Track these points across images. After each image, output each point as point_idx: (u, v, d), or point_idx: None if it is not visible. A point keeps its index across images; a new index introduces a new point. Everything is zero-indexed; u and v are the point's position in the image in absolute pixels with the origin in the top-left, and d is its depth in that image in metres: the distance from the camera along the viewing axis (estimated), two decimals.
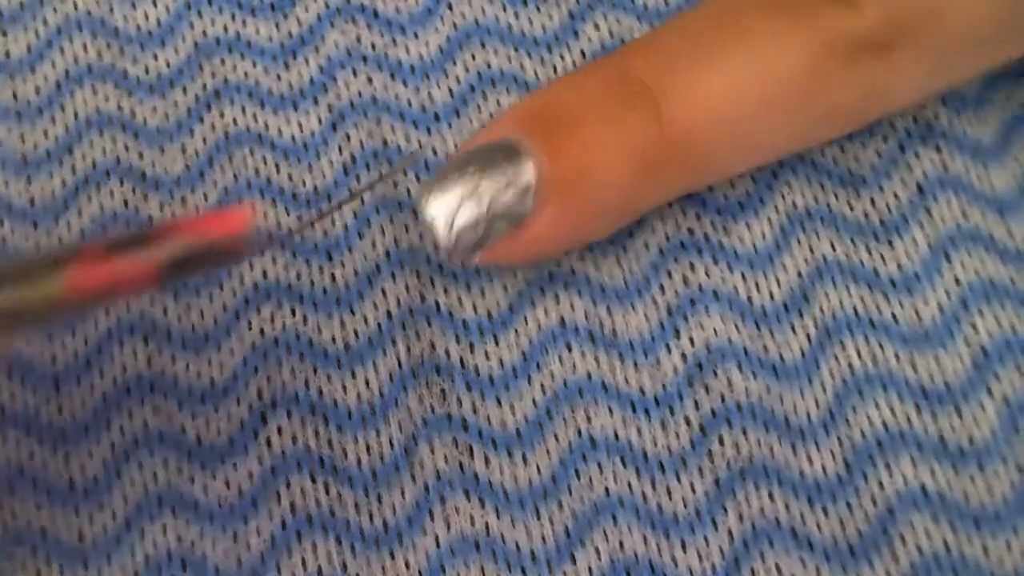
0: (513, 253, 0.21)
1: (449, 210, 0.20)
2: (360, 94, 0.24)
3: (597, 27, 0.24)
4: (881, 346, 0.22)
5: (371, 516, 0.21)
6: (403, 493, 0.21)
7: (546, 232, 0.20)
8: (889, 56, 0.20)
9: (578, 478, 0.21)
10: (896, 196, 0.23)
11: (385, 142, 0.23)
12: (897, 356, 0.22)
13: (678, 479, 0.21)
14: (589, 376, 0.22)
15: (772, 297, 0.22)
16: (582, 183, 0.20)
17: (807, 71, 0.20)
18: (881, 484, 0.21)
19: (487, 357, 0.22)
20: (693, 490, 0.21)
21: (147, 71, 0.24)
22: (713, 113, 0.20)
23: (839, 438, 0.21)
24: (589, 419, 0.21)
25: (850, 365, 0.22)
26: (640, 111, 0.20)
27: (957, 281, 0.22)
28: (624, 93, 0.20)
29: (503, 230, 0.20)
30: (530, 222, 0.20)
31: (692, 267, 0.22)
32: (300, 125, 0.24)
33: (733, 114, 0.20)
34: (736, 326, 0.22)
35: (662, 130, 0.20)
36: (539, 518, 0.21)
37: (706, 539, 0.21)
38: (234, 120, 0.24)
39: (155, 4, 0.25)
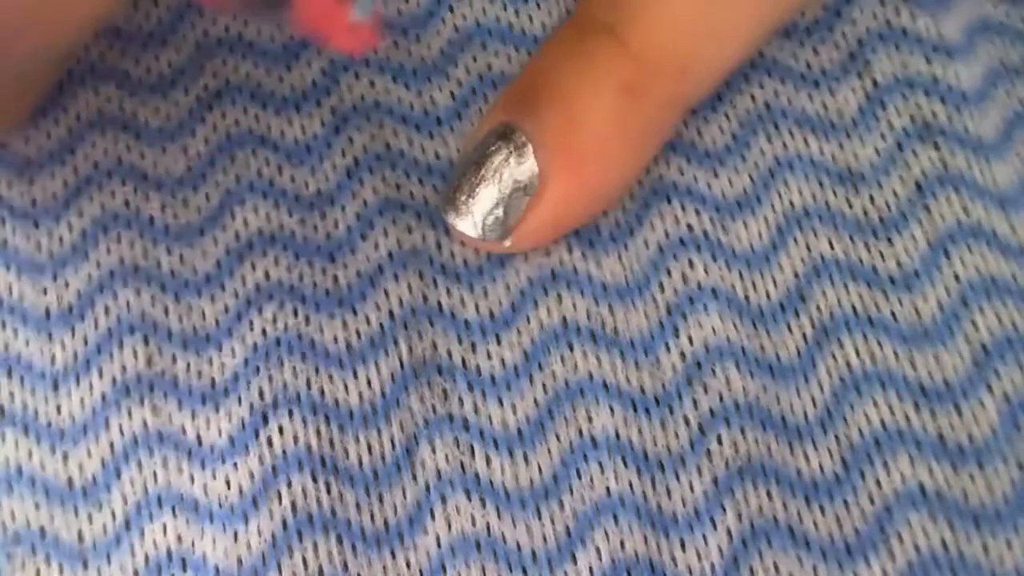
0: (542, 229, 0.21)
1: (471, 210, 0.21)
2: (363, 97, 0.24)
3: None
4: (880, 344, 0.22)
5: (372, 516, 0.21)
6: (404, 493, 0.21)
7: (561, 192, 0.21)
8: None
9: (579, 478, 0.21)
10: (895, 193, 0.23)
11: (388, 146, 0.23)
12: (896, 354, 0.22)
13: (677, 478, 0.21)
14: (591, 376, 0.22)
15: (769, 296, 0.22)
16: (574, 130, 0.21)
17: None
18: (879, 482, 0.21)
19: (489, 357, 0.22)
20: (692, 489, 0.21)
21: (149, 72, 0.24)
22: (678, 23, 0.21)
23: (836, 437, 0.21)
24: (590, 419, 0.21)
25: (848, 363, 0.22)
26: (608, 50, 0.21)
27: (957, 278, 0.22)
28: (589, 40, 0.21)
29: (522, 205, 0.21)
30: (543, 187, 0.21)
31: (691, 264, 0.22)
32: (302, 127, 0.24)
33: (696, 13, 0.21)
34: (734, 324, 0.22)
35: (635, 60, 0.21)
36: (540, 518, 0.21)
37: (705, 538, 0.21)
38: (236, 121, 0.24)
39: (156, 4, 0.25)
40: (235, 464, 0.21)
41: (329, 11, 0.17)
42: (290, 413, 0.21)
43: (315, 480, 0.21)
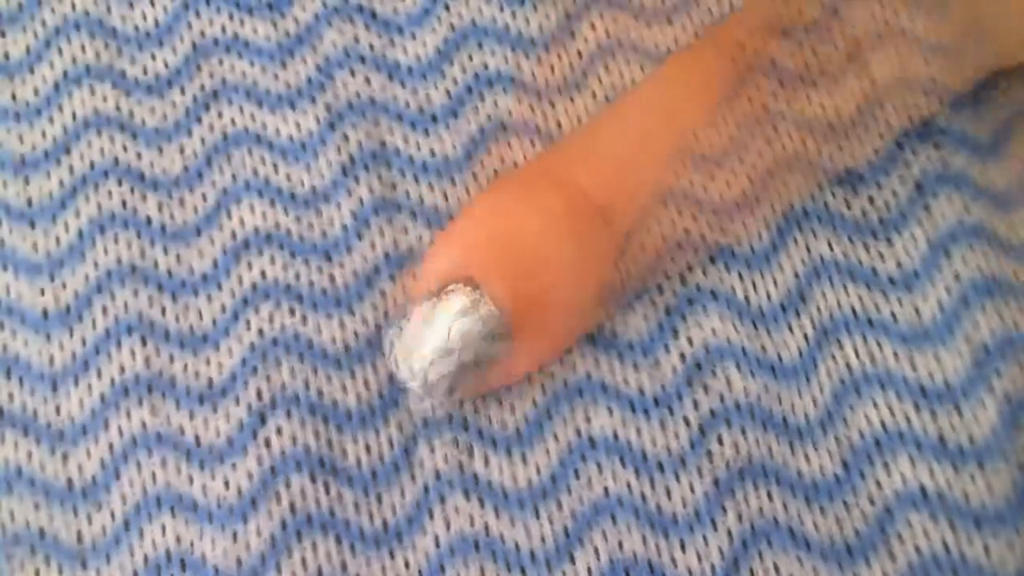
0: (491, 386, 0.21)
1: (422, 366, 0.20)
2: (358, 94, 0.24)
3: (593, 27, 0.24)
4: (879, 345, 0.22)
5: (371, 516, 0.21)
6: (403, 493, 0.21)
7: (519, 366, 0.21)
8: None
9: (577, 478, 0.21)
10: (894, 194, 0.23)
11: (383, 143, 0.23)
12: (896, 355, 0.22)
13: (677, 479, 0.21)
14: (588, 376, 0.22)
15: (769, 297, 0.22)
16: (548, 319, 0.20)
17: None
18: (879, 483, 0.21)
19: None
20: (692, 490, 0.21)
21: (145, 71, 0.24)
22: (622, 161, 0.20)
23: (837, 437, 0.21)
24: (588, 419, 0.21)
25: (848, 364, 0.22)
26: (595, 236, 0.20)
27: (957, 278, 0.22)
28: (577, 218, 0.20)
29: (474, 374, 0.20)
30: (502, 361, 0.20)
31: (689, 266, 0.22)
32: (298, 124, 0.24)
33: (632, 142, 0.20)
34: (734, 326, 0.22)
35: (619, 251, 0.20)
36: (538, 518, 0.21)
37: (705, 539, 0.21)
38: (232, 120, 0.24)
39: (152, 4, 0.25)
40: (233, 465, 0.21)
41: None
42: (288, 413, 0.21)
43: (313, 480, 0.21)
